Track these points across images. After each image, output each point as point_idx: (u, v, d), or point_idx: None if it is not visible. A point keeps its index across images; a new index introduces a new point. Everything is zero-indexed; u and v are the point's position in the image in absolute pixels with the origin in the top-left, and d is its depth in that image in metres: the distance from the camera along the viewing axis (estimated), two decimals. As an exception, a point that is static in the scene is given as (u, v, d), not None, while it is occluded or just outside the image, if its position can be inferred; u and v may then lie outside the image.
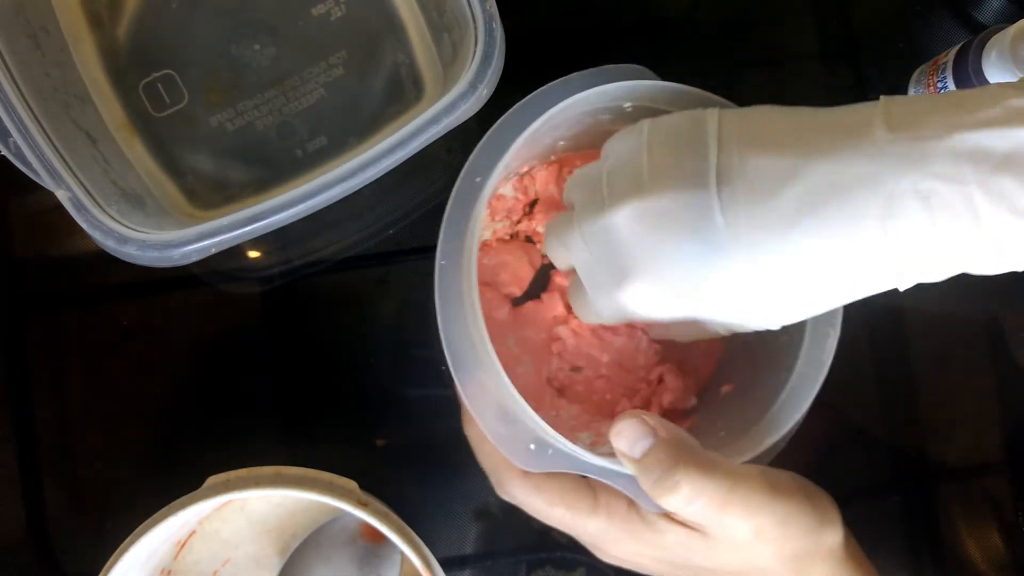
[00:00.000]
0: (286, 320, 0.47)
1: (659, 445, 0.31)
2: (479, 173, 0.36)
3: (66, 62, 0.43)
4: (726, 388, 0.43)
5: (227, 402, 0.47)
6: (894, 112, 0.25)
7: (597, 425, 0.42)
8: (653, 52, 0.50)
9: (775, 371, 0.38)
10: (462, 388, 0.34)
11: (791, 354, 0.37)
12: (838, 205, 0.25)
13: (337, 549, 0.44)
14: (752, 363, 0.41)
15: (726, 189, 0.27)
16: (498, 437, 0.34)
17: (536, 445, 0.34)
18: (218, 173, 0.45)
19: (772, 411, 0.36)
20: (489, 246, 0.45)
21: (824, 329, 0.36)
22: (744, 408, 0.39)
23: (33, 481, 0.46)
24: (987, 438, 0.50)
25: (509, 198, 0.44)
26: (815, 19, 0.52)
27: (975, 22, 0.51)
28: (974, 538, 0.49)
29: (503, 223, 0.45)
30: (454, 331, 0.34)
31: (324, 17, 0.46)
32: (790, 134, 0.26)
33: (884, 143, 0.24)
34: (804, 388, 0.36)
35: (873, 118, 0.25)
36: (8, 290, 0.47)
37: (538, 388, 0.43)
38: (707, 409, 0.43)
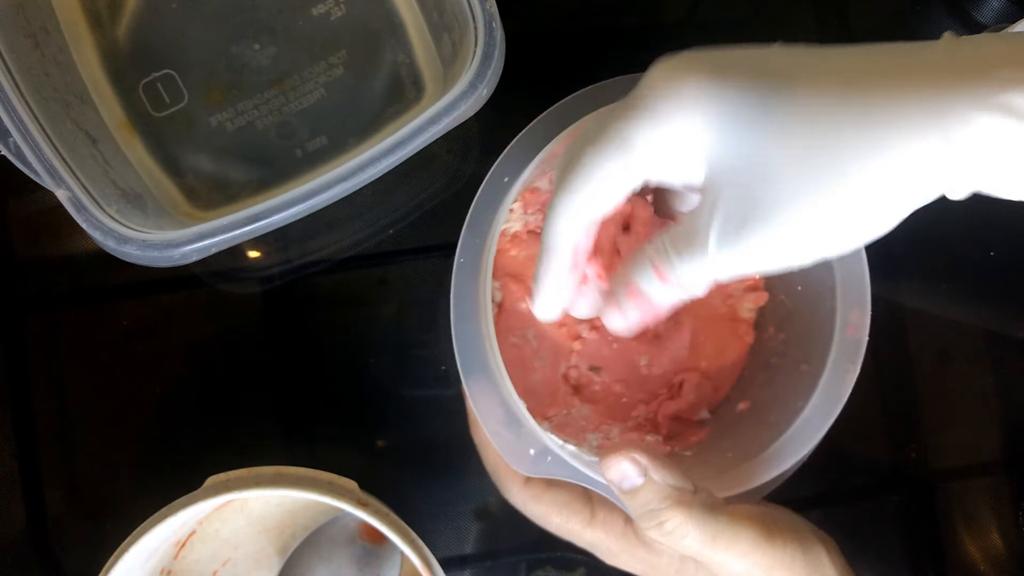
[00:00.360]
0: (286, 320, 0.47)
1: (648, 486, 0.31)
2: (507, 173, 0.36)
3: (66, 62, 0.43)
4: (742, 405, 0.43)
5: (227, 402, 0.47)
6: (957, 41, 0.24)
7: (607, 428, 0.42)
8: (653, 52, 0.50)
9: (791, 398, 0.38)
10: (468, 388, 0.34)
11: (810, 384, 0.37)
12: (898, 121, 0.23)
13: (337, 549, 0.44)
14: (771, 384, 0.41)
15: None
16: (499, 439, 0.34)
17: (535, 451, 0.34)
18: (218, 173, 0.45)
19: (782, 440, 0.36)
20: (519, 238, 0.44)
21: (844, 365, 0.36)
22: (755, 431, 0.38)
23: (33, 481, 0.46)
24: (987, 438, 0.50)
25: (544, 191, 0.43)
26: (815, 19, 0.52)
27: (975, 22, 0.51)
28: (974, 538, 0.49)
29: (535, 216, 0.44)
30: (464, 330, 0.35)
31: (324, 17, 0.46)
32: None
33: (945, 60, 0.23)
34: (817, 420, 0.36)
35: (935, 45, 0.24)
36: (8, 290, 0.47)
37: (553, 384, 0.43)
38: (720, 424, 0.43)
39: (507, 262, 0.44)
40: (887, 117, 0.23)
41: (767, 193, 0.25)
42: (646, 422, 0.43)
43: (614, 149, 0.27)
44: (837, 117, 0.24)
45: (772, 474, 0.36)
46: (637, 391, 0.44)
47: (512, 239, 0.43)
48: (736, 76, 0.26)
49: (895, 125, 0.23)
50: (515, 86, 0.41)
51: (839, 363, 0.36)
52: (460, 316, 0.35)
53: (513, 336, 0.43)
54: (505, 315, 0.43)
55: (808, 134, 0.24)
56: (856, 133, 0.24)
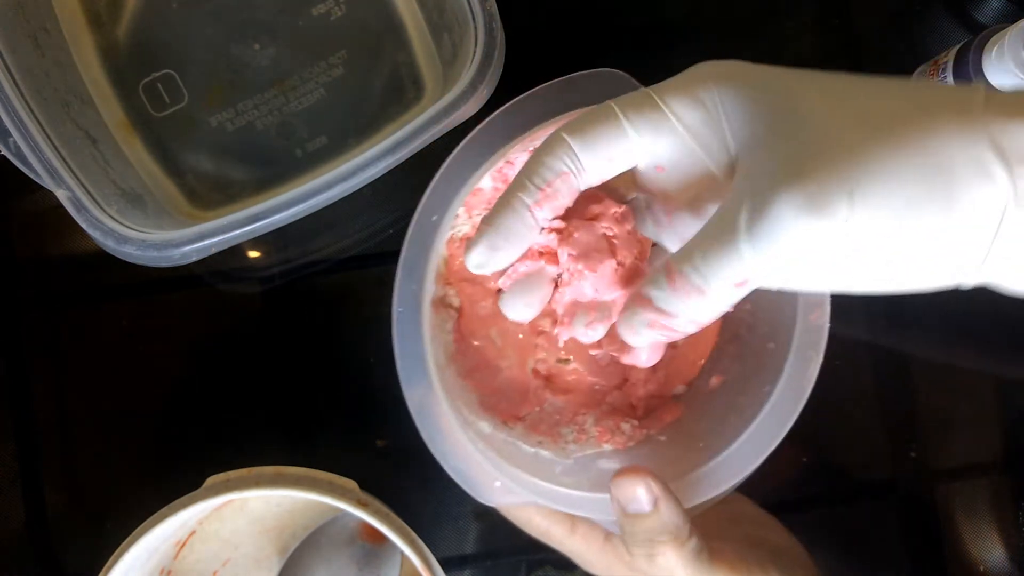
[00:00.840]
0: (286, 320, 0.47)
1: (653, 517, 0.32)
2: (435, 211, 0.35)
3: (66, 62, 0.43)
4: (715, 380, 0.43)
5: (227, 402, 0.47)
6: (995, 99, 0.23)
7: (582, 418, 0.42)
8: (654, 51, 0.50)
9: (759, 380, 0.38)
10: (422, 430, 0.35)
11: (776, 367, 0.37)
12: (929, 180, 0.23)
13: (337, 549, 0.44)
14: (740, 359, 0.41)
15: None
16: (457, 473, 0.35)
17: (501, 483, 0.35)
18: (218, 173, 0.45)
19: (748, 432, 0.36)
20: (468, 240, 0.44)
21: (807, 352, 0.36)
22: (726, 415, 0.39)
23: (33, 481, 0.46)
24: (987, 438, 0.50)
25: (488, 190, 0.43)
26: (816, 19, 0.52)
27: (975, 22, 0.51)
28: (974, 538, 0.49)
29: (483, 215, 0.44)
30: (414, 381, 0.34)
31: (324, 17, 0.46)
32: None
33: (984, 121, 0.23)
34: (785, 410, 0.36)
35: (979, 103, 0.23)
36: (8, 290, 0.47)
37: (522, 382, 0.43)
38: (694, 401, 0.43)
39: (460, 266, 0.43)
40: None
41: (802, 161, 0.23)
42: (621, 406, 0.43)
43: (645, 99, 0.26)
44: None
45: (736, 479, 0.36)
46: (611, 376, 0.44)
47: (461, 242, 0.43)
48: (766, 71, 0.26)
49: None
50: (515, 86, 0.41)
51: (802, 350, 0.36)
52: (407, 368, 0.34)
53: (476, 339, 0.43)
54: (465, 319, 0.43)
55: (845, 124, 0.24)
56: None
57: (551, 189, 0.27)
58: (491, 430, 0.39)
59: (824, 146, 0.23)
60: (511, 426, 0.41)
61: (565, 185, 0.27)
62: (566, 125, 0.27)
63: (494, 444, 0.37)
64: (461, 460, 0.35)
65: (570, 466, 0.39)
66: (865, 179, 0.22)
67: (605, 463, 0.40)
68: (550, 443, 0.41)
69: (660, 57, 0.50)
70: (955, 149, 0.22)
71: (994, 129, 0.22)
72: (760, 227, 0.23)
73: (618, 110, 0.26)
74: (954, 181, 0.22)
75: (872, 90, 0.25)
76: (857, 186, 0.22)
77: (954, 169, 0.22)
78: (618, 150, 0.26)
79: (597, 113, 0.27)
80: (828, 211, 0.22)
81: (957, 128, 0.23)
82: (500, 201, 0.27)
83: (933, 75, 0.46)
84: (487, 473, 0.35)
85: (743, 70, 0.26)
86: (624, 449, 0.41)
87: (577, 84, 0.36)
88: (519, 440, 0.40)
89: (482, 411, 0.41)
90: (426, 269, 0.35)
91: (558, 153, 0.27)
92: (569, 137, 0.26)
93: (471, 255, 0.28)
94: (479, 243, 0.28)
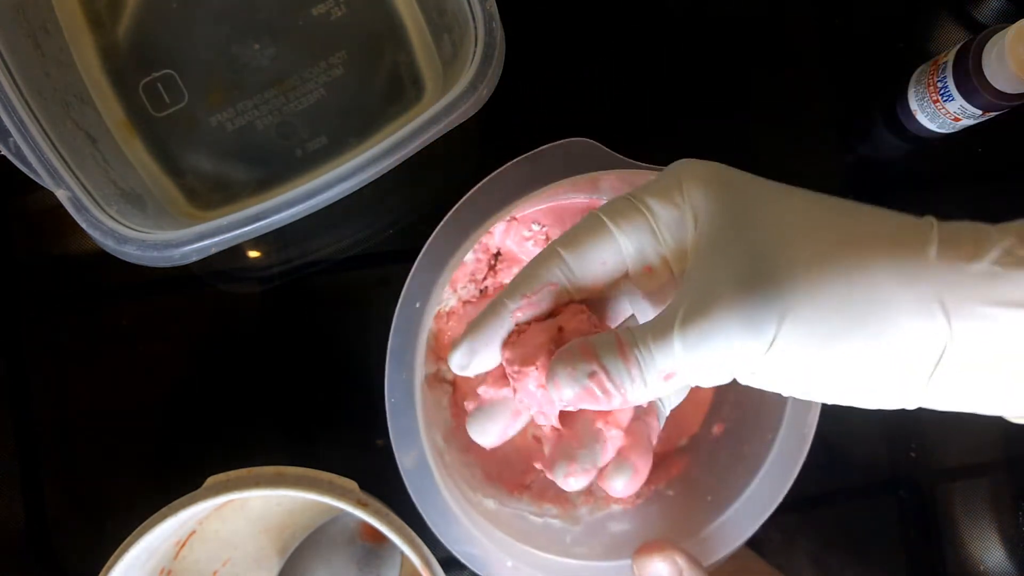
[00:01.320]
0: (286, 320, 0.47)
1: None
2: (418, 298, 0.36)
3: (66, 62, 0.43)
4: (717, 429, 0.43)
5: (227, 402, 0.47)
6: (946, 240, 0.24)
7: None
8: (655, 50, 0.50)
9: (761, 430, 0.38)
10: (429, 520, 0.36)
11: (776, 412, 0.37)
12: (881, 313, 0.24)
13: (337, 549, 0.44)
14: (740, 405, 0.42)
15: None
16: (470, 559, 0.36)
17: (512, 563, 0.36)
18: (218, 173, 0.45)
19: (757, 481, 0.37)
20: (456, 313, 0.44)
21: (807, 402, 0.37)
22: (732, 465, 0.39)
23: (33, 481, 0.46)
24: (987, 438, 0.50)
25: (470, 263, 0.43)
26: (816, 19, 0.52)
27: (975, 22, 0.51)
28: (974, 538, 0.49)
29: (468, 287, 0.44)
30: (416, 472, 0.36)
31: (324, 17, 0.46)
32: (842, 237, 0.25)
33: (935, 269, 0.24)
34: (789, 457, 0.37)
35: (928, 242, 0.24)
36: (8, 290, 0.47)
37: (525, 448, 0.43)
38: (698, 452, 0.43)
39: (450, 340, 0.43)
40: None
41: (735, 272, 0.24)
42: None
43: (627, 204, 0.28)
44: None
45: (745, 535, 0.37)
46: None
47: (449, 316, 0.43)
48: (738, 179, 0.27)
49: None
50: (515, 86, 0.41)
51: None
52: (409, 468, 0.35)
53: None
54: (460, 393, 0.43)
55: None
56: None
57: (536, 297, 0.28)
58: (497, 506, 0.39)
59: (767, 266, 0.24)
60: (518, 496, 0.41)
61: (550, 295, 0.28)
62: (558, 239, 0.28)
63: (502, 520, 0.37)
64: (472, 545, 0.36)
65: (580, 533, 0.40)
66: (796, 306, 0.23)
67: (616, 525, 0.40)
68: (559, 509, 0.41)
69: (662, 55, 0.50)
70: (896, 290, 0.23)
71: (940, 280, 0.23)
72: (691, 329, 0.24)
73: (605, 217, 0.28)
74: (888, 319, 0.23)
75: (829, 216, 0.25)
76: (787, 311, 0.23)
77: (891, 307, 0.23)
78: (608, 254, 0.28)
79: (586, 223, 0.28)
80: (755, 330, 0.24)
81: (901, 270, 0.23)
82: (487, 307, 0.29)
83: (933, 75, 0.46)
84: (498, 556, 0.35)
85: (717, 174, 0.27)
86: (634, 507, 0.41)
87: (545, 156, 0.37)
88: (527, 511, 0.40)
89: (487, 483, 0.41)
90: (415, 357, 0.35)
91: (549, 265, 0.28)
92: (562, 249, 0.28)
93: (453, 357, 0.29)
94: (460, 346, 0.29)
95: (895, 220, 0.25)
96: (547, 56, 0.49)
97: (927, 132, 0.49)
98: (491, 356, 0.29)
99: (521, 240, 0.43)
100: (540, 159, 0.37)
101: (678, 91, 0.50)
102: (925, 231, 0.24)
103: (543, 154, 0.37)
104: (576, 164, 0.36)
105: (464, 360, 0.29)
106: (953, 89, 0.45)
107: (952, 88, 0.45)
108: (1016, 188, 0.51)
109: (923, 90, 0.47)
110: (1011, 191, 0.51)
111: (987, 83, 0.43)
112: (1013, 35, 0.41)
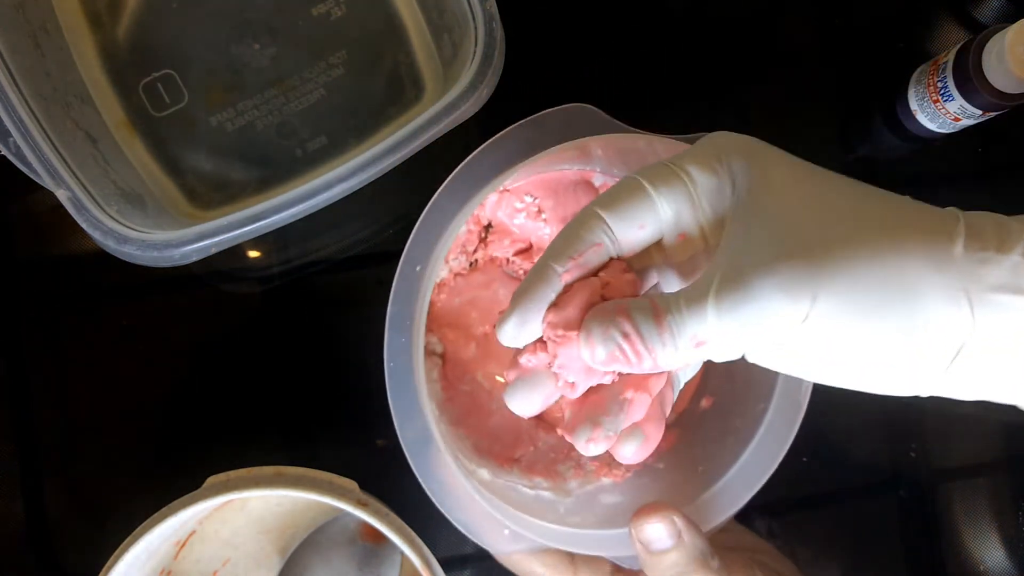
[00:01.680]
0: (286, 320, 0.47)
1: (679, 548, 0.32)
2: (418, 261, 0.35)
3: (66, 62, 0.43)
4: (705, 402, 0.42)
5: (227, 402, 0.47)
6: (972, 232, 0.25)
7: (577, 454, 0.42)
8: (655, 50, 0.50)
9: (752, 400, 0.38)
10: (426, 486, 0.35)
11: (767, 383, 0.37)
12: (901, 300, 0.24)
13: (337, 549, 0.44)
14: (729, 378, 0.41)
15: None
16: (466, 526, 0.35)
17: (510, 531, 0.35)
18: (218, 173, 0.45)
19: (748, 453, 0.37)
20: (446, 284, 0.43)
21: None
22: (722, 437, 0.39)
23: (33, 481, 0.46)
24: (987, 438, 0.50)
25: (461, 234, 0.43)
26: (816, 19, 0.52)
27: (975, 22, 0.51)
28: (974, 538, 0.49)
29: (459, 259, 0.44)
30: (413, 437, 0.35)
31: (324, 17, 0.46)
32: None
33: (961, 260, 0.24)
34: (782, 428, 0.36)
35: (956, 233, 0.25)
36: (8, 290, 0.47)
37: (514, 422, 0.43)
38: (686, 426, 0.43)
39: (440, 312, 0.43)
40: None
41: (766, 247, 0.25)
42: None
43: (666, 169, 0.27)
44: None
45: (739, 503, 0.36)
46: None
47: (439, 287, 0.43)
48: (776, 154, 0.27)
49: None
50: (515, 86, 0.41)
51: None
52: (403, 419, 0.35)
53: (463, 384, 0.43)
54: (450, 365, 0.43)
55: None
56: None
57: (583, 259, 0.28)
58: (490, 477, 0.39)
59: (807, 238, 0.24)
60: (508, 469, 0.41)
61: (596, 255, 0.28)
62: (596, 200, 0.28)
63: (496, 490, 0.37)
64: (467, 512, 0.35)
65: (572, 504, 0.39)
66: (832, 280, 0.24)
67: (607, 497, 0.40)
68: (549, 483, 0.41)
69: (661, 54, 0.50)
70: (927, 275, 0.24)
71: (966, 269, 0.24)
72: (726, 296, 0.24)
73: (644, 181, 0.27)
74: (919, 303, 0.24)
75: (865, 199, 0.26)
76: (823, 285, 0.24)
77: (920, 292, 0.24)
78: (647, 217, 0.27)
79: (624, 186, 0.28)
80: (792, 298, 0.24)
81: (931, 257, 0.24)
82: (532, 272, 0.28)
83: (933, 75, 0.46)
84: (495, 522, 0.35)
85: (758, 148, 0.27)
86: (623, 480, 0.41)
87: (546, 121, 0.37)
88: (518, 483, 0.40)
89: (477, 457, 0.41)
90: (414, 320, 0.35)
91: (591, 226, 0.28)
92: (601, 210, 0.28)
93: (504, 328, 0.28)
94: (511, 316, 0.28)
95: (925, 209, 0.26)
96: (547, 56, 0.49)
97: (927, 132, 0.49)
98: (540, 323, 0.28)
99: (513, 212, 0.42)
100: (543, 122, 0.36)
101: (678, 94, 0.50)
102: (952, 222, 0.25)
103: (542, 119, 0.37)
104: (578, 130, 0.36)
105: (516, 331, 0.27)
106: (953, 89, 0.45)
107: (952, 88, 0.45)
108: (1016, 188, 0.51)
109: (923, 90, 0.47)
110: (1011, 191, 0.51)
111: (987, 83, 0.43)
112: (1013, 35, 0.41)
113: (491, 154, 0.36)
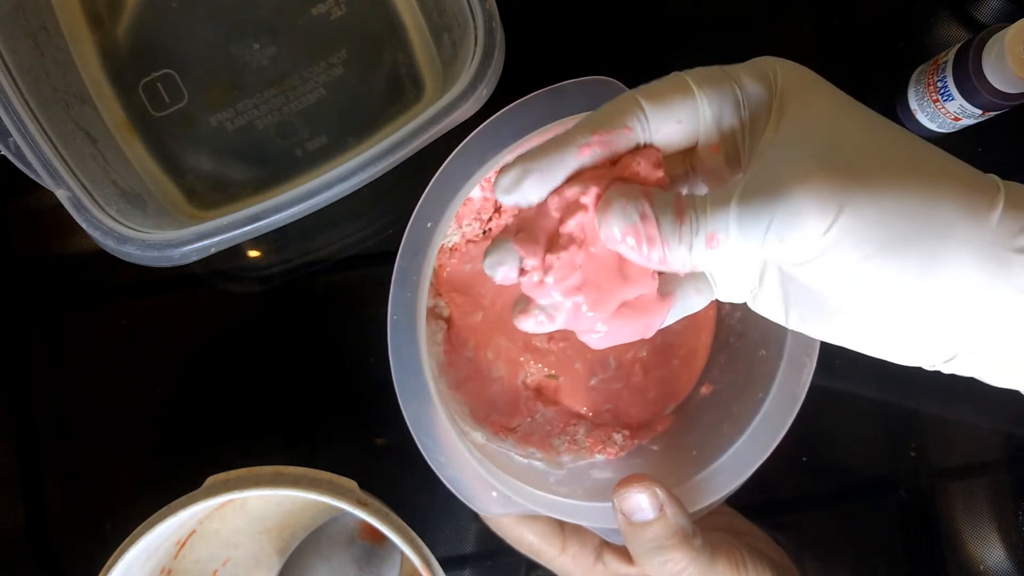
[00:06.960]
0: (286, 320, 0.47)
1: (660, 522, 0.32)
2: (429, 218, 0.35)
3: (66, 62, 0.43)
4: (705, 389, 0.42)
5: (227, 402, 0.47)
6: (1011, 198, 0.24)
7: (573, 429, 0.42)
8: (654, 50, 0.50)
9: (751, 387, 0.38)
10: (418, 440, 0.35)
11: (768, 373, 0.37)
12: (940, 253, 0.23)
13: (337, 549, 0.44)
14: (732, 367, 0.41)
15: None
16: (454, 483, 0.35)
17: (498, 492, 0.35)
18: (218, 173, 0.45)
19: (744, 438, 0.37)
20: (458, 250, 0.43)
21: (800, 358, 0.36)
22: (719, 423, 0.39)
23: (33, 481, 0.46)
24: (987, 438, 0.50)
25: (477, 199, 0.43)
26: (816, 19, 0.52)
27: (975, 22, 0.51)
28: (974, 538, 0.49)
29: (472, 225, 0.44)
30: (410, 391, 0.35)
31: (324, 17, 0.46)
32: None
33: (996, 223, 0.24)
34: (778, 416, 0.36)
35: (997, 194, 0.24)
36: (8, 290, 0.47)
37: (513, 392, 0.43)
38: (684, 412, 0.43)
39: (450, 276, 0.43)
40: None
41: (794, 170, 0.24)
42: (612, 419, 0.43)
43: (718, 72, 0.27)
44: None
45: (731, 485, 0.36)
46: (598, 402, 0.44)
47: (451, 252, 0.43)
48: (817, 80, 0.27)
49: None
50: (515, 86, 0.41)
51: (796, 355, 0.36)
52: (402, 375, 0.35)
53: (467, 350, 0.43)
54: (455, 329, 0.43)
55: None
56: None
57: (608, 137, 0.26)
58: (484, 441, 0.39)
59: (847, 160, 0.24)
60: (503, 437, 0.41)
61: (624, 139, 0.26)
62: (638, 88, 0.27)
63: (488, 454, 0.37)
64: (457, 470, 0.35)
65: (563, 476, 0.39)
66: (864, 200, 0.23)
67: (598, 473, 0.40)
68: (542, 454, 0.41)
69: (660, 55, 0.50)
70: (959, 225, 0.23)
71: (999, 232, 0.23)
72: (750, 199, 0.24)
73: (690, 79, 0.26)
74: (942, 249, 0.23)
75: (911, 139, 0.25)
76: (853, 201, 0.23)
77: (947, 239, 0.23)
78: (686, 113, 0.26)
79: (667, 80, 0.27)
80: (820, 207, 0.23)
81: (968, 208, 0.23)
82: (551, 138, 0.27)
83: (932, 75, 0.46)
84: (484, 483, 0.35)
85: (811, 73, 0.27)
86: (616, 459, 0.41)
87: (568, 92, 0.36)
88: (512, 451, 0.40)
89: (474, 422, 0.41)
90: (421, 276, 0.35)
91: (626, 109, 0.26)
92: (641, 97, 0.26)
93: (500, 179, 0.26)
94: (512, 168, 0.26)
95: (969, 168, 0.25)
96: (547, 56, 0.49)
97: (927, 132, 0.49)
98: (541, 187, 0.26)
99: None
100: (560, 94, 0.36)
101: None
102: (993, 189, 0.24)
103: (563, 90, 0.36)
104: (596, 102, 0.36)
105: (511, 183, 0.26)
106: (953, 89, 0.45)
107: (952, 88, 0.45)
108: (1016, 188, 0.51)
109: (923, 90, 0.47)
110: (1011, 191, 0.51)
111: (987, 83, 0.43)
112: (1013, 35, 0.41)
113: (509, 121, 0.36)
